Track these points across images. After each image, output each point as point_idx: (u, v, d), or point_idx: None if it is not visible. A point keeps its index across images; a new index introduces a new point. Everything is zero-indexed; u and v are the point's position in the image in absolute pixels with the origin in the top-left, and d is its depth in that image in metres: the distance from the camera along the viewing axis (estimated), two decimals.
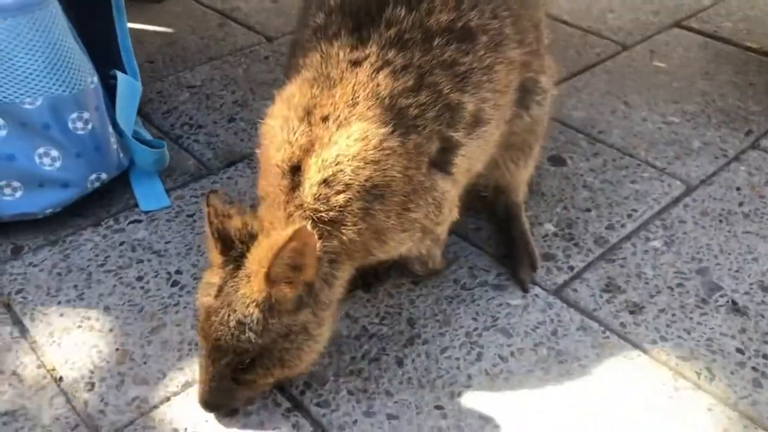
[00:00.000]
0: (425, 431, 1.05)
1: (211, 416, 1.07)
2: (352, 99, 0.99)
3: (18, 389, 1.11)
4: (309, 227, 0.93)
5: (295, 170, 0.99)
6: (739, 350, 1.16)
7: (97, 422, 1.06)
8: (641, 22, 2.13)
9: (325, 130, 0.98)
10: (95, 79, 1.36)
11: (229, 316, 0.96)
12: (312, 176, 0.97)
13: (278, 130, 1.01)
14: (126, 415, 1.07)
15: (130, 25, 1.57)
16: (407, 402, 1.08)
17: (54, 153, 1.31)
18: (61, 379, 1.12)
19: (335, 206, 0.97)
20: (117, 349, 1.17)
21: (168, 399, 1.09)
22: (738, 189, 1.50)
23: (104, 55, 1.49)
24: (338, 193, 0.97)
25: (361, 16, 1.02)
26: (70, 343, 1.18)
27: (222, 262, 0.99)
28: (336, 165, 0.97)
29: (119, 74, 1.46)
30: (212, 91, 1.81)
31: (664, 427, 1.05)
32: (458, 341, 1.17)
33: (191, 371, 1.13)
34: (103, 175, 1.39)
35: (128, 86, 1.47)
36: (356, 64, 1.00)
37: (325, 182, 0.97)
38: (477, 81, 1.05)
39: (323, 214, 0.98)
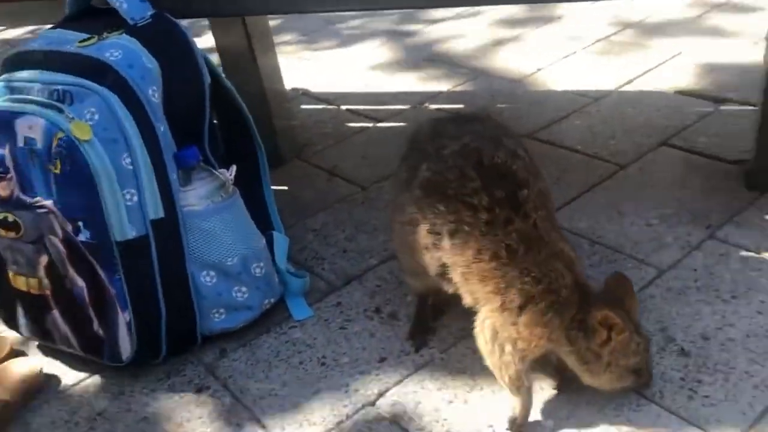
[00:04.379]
0: None
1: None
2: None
3: None
4: None
5: None
6: (681, 378, 1.81)
7: None
8: (636, 143, 2.84)
9: None
10: (263, 240, 2.19)
11: None
12: None
13: None
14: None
15: None
16: None
17: (243, 289, 2.13)
18: (265, 426, 1.90)
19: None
20: (298, 405, 1.94)
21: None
22: (695, 270, 2.16)
23: (259, 218, 2.34)
24: None
25: None
26: (267, 404, 1.96)
27: None
28: None
29: (275, 233, 2.29)
30: (328, 232, 2.63)
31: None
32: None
33: (345, 408, 1.88)
34: (272, 300, 2.20)
35: (281, 240, 2.30)
36: None
37: None
38: None
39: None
